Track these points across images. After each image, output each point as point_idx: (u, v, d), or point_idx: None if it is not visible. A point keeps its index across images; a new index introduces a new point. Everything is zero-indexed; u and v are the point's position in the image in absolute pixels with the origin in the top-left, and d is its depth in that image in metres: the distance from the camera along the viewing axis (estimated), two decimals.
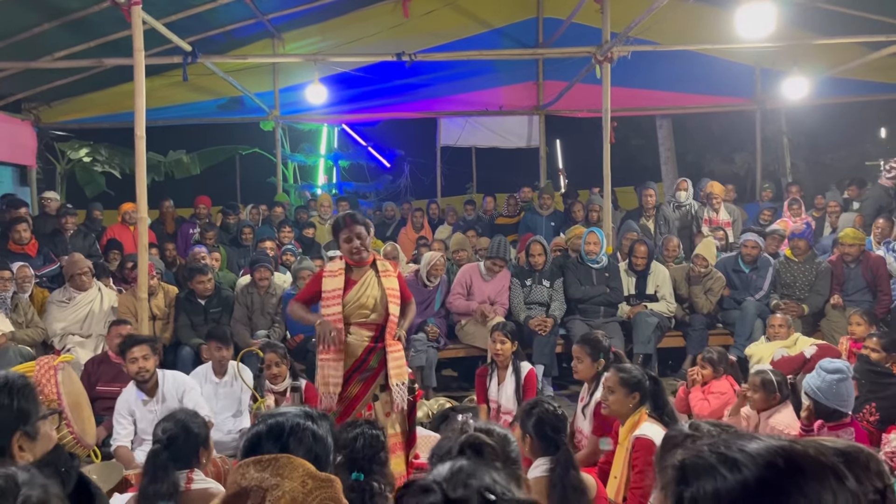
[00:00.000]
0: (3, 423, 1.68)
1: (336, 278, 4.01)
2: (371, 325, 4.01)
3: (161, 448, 2.88)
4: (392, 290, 4.04)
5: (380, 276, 4.04)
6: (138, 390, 4.74)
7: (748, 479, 0.93)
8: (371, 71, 10.12)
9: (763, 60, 10.36)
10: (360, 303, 3.98)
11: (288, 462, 1.60)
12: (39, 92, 9.48)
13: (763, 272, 6.96)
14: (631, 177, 11.99)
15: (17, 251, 6.97)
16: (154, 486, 2.79)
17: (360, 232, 3.97)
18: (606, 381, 3.57)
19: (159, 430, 2.97)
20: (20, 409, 1.72)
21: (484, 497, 1.05)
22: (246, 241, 8.52)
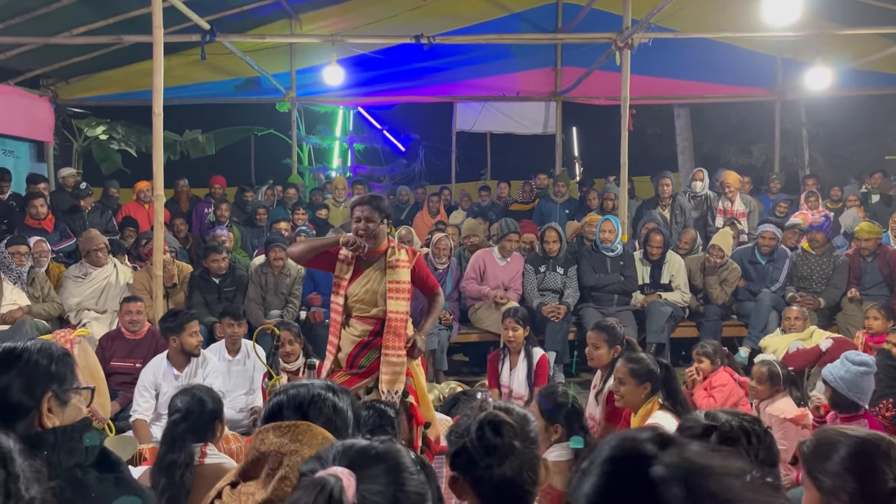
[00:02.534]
0: (37, 381, 1.71)
1: (346, 265, 3.72)
2: (370, 320, 3.72)
3: (180, 418, 2.90)
4: (396, 284, 3.67)
5: (386, 268, 3.69)
6: (169, 364, 4.79)
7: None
8: (388, 53, 10.07)
9: (785, 50, 10.22)
10: (359, 297, 3.70)
11: (307, 429, 1.61)
12: (58, 68, 9.50)
13: (780, 264, 6.91)
14: (647, 166, 11.90)
15: (34, 226, 7.02)
16: (171, 456, 2.82)
17: (368, 214, 3.62)
18: (617, 372, 3.56)
19: (177, 401, 3.00)
20: (56, 372, 1.74)
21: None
22: (260, 222, 8.54)
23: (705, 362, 4.76)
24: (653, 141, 15.01)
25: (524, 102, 11.50)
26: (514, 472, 1.62)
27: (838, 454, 1.79)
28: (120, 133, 11.05)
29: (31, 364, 1.71)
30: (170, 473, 2.80)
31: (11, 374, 1.69)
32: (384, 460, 1.17)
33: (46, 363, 1.74)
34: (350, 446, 1.19)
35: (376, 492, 1.11)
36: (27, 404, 1.68)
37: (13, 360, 1.71)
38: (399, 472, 1.16)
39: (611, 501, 1.01)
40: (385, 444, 1.21)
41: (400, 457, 1.19)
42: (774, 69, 10.74)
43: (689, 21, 8.81)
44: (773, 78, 10.85)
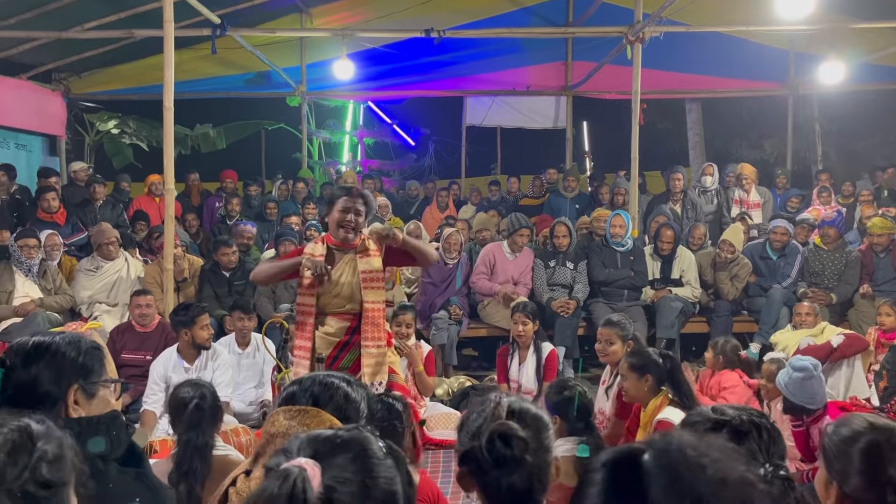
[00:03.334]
0: (64, 372, 1.73)
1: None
2: (347, 316, 3.58)
3: (200, 403, 2.94)
4: (368, 274, 3.55)
5: (358, 259, 3.56)
6: (180, 357, 4.82)
7: None
8: (398, 48, 10.06)
9: (798, 44, 10.15)
10: (333, 292, 3.54)
11: (316, 414, 1.62)
12: (70, 62, 9.56)
13: (791, 259, 6.87)
14: (657, 161, 11.85)
15: (46, 220, 7.07)
16: (203, 438, 2.88)
17: (360, 209, 3.51)
18: (619, 368, 3.56)
19: (188, 390, 3.01)
20: (84, 365, 1.77)
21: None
22: (271, 217, 8.56)
23: (710, 353, 4.77)
24: (663, 136, 14.93)
25: (534, 97, 11.47)
26: (522, 481, 1.61)
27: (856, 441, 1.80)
28: (131, 127, 11.10)
29: (59, 356, 1.74)
30: (202, 455, 2.85)
31: (40, 364, 1.72)
32: (350, 448, 1.14)
33: (74, 355, 1.76)
34: (315, 436, 1.17)
35: (344, 480, 1.08)
36: (53, 395, 1.71)
37: (42, 352, 1.74)
38: (367, 460, 1.13)
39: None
40: (351, 432, 1.18)
41: (367, 444, 1.16)
42: (787, 63, 10.66)
43: (701, 15, 8.75)
44: (786, 72, 10.77)
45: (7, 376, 1.69)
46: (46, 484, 1.17)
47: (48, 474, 1.18)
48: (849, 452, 1.77)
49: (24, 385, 1.69)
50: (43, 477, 1.17)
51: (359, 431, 1.18)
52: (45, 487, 1.17)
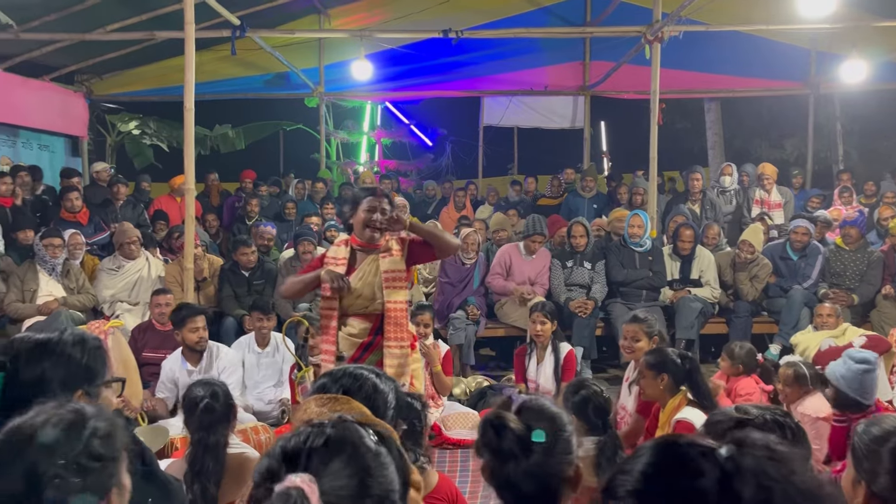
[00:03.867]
0: (70, 377, 1.71)
1: (337, 267, 3.53)
2: (371, 316, 3.55)
3: (212, 403, 2.95)
4: (391, 273, 3.51)
5: (380, 259, 3.54)
6: (184, 359, 4.86)
7: None
8: (416, 48, 10.08)
9: (819, 43, 10.05)
10: (357, 293, 3.50)
11: (346, 401, 1.63)
12: (92, 64, 9.68)
13: (812, 260, 6.80)
14: (676, 161, 11.78)
15: (69, 219, 7.16)
16: (214, 437, 2.89)
17: (386, 209, 3.50)
18: (638, 366, 3.54)
19: (199, 390, 3.03)
20: (88, 367, 1.75)
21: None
22: (289, 217, 8.61)
23: (725, 361, 4.68)
24: (681, 135, 14.85)
25: (552, 97, 11.45)
26: (531, 478, 1.60)
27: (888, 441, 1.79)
28: (152, 128, 11.22)
29: (64, 358, 1.71)
30: (214, 454, 2.87)
31: (45, 367, 1.69)
32: (342, 450, 1.10)
33: (79, 357, 1.74)
34: (301, 446, 1.13)
35: (341, 486, 1.07)
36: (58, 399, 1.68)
37: (47, 354, 1.70)
38: (360, 458, 1.11)
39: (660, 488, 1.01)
40: (338, 430, 1.13)
41: (357, 440, 1.13)
42: (808, 62, 10.56)
43: (721, 13, 8.69)
44: (807, 71, 10.66)
45: (8, 380, 1.65)
46: (98, 457, 1.29)
47: (100, 448, 1.30)
48: (879, 452, 1.76)
49: (27, 389, 1.64)
50: (95, 451, 1.29)
51: (346, 426, 1.14)
52: (97, 460, 1.29)
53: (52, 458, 1.25)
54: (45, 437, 1.27)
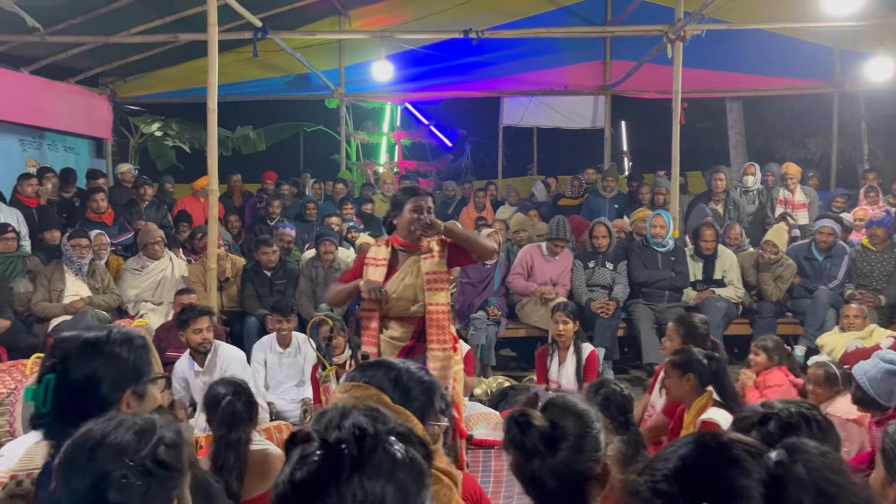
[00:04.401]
0: (119, 377, 1.71)
1: (378, 268, 3.53)
2: (412, 319, 3.52)
3: (234, 399, 2.96)
4: (432, 275, 3.48)
5: (421, 261, 3.52)
6: (191, 360, 4.88)
7: None
8: (436, 49, 10.09)
9: (844, 40, 9.92)
10: (398, 294, 3.49)
11: (366, 388, 1.62)
12: (116, 67, 9.79)
13: (838, 260, 6.72)
14: (697, 160, 11.67)
15: (94, 220, 7.24)
16: (236, 434, 2.90)
17: (430, 207, 3.51)
18: (663, 365, 3.53)
19: (220, 388, 3.04)
20: (135, 366, 1.75)
21: (358, 434, 1.06)
22: (310, 217, 8.65)
23: (761, 356, 4.61)
24: (702, 135, 14.71)
25: (572, 97, 11.40)
26: (556, 474, 1.60)
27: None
28: (174, 130, 11.33)
29: (113, 359, 1.71)
30: (237, 451, 2.88)
31: (95, 365, 1.68)
32: (380, 473, 1.05)
33: (127, 355, 1.73)
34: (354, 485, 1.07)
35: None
36: (109, 400, 1.68)
37: (97, 354, 1.70)
38: (399, 481, 1.06)
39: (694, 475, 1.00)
40: (370, 452, 1.06)
41: (391, 458, 1.06)
42: (832, 60, 10.43)
43: (744, 12, 8.61)
44: (831, 69, 10.53)
45: (59, 381, 1.65)
46: (164, 464, 1.33)
47: (166, 456, 1.34)
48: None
49: (78, 391, 1.65)
50: (161, 457, 1.33)
51: (377, 446, 1.07)
52: (163, 467, 1.33)
53: (120, 459, 1.29)
54: (116, 437, 1.32)
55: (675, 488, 1.00)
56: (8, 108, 8.08)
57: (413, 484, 1.06)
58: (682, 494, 0.99)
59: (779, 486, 0.95)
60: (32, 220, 7.02)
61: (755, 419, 1.95)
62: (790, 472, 0.96)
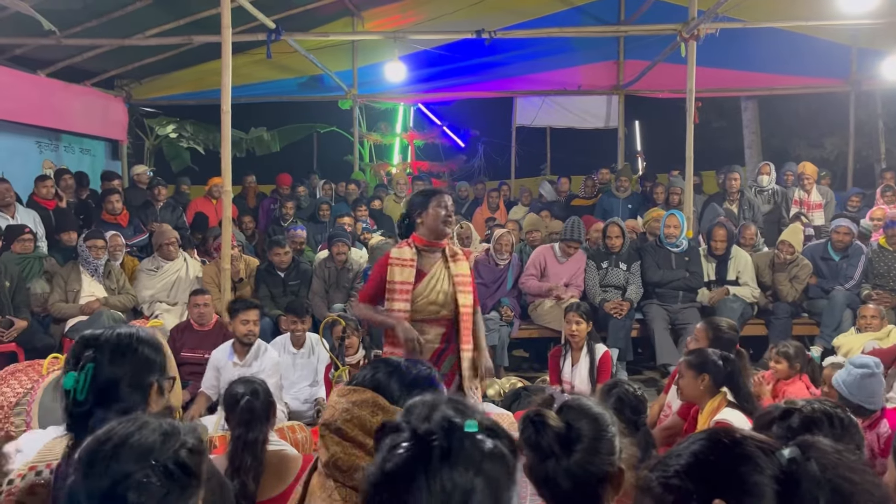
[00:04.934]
0: (148, 369, 1.79)
1: (406, 269, 3.54)
2: (442, 321, 3.58)
3: (253, 399, 2.97)
4: (461, 277, 3.60)
5: (448, 263, 3.61)
6: (232, 351, 4.94)
7: None
8: (449, 49, 10.10)
9: (860, 39, 9.82)
10: (430, 298, 3.55)
11: (362, 391, 1.62)
12: (131, 69, 9.86)
13: (854, 261, 6.65)
14: (711, 160, 11.60)
15: (109, 221, 7.31)
16: (253, 434, 2.91)
17: (451, 205, 3.60)
18: (678, 366, 3.50)
19: (239, 387, 3.06)
20: (160, 361, 1.84)
21: (447, 427, 1.07)
22: (324, 218, 8.69)
23: (783, 364, 4.47)
24: (717, 135, 14.63)
25: (585, 96, 11.37)
26: (570, 476, 1.59)
27: None
28: (188, 131, 11.41)
29: (143, 352, 1.81)
30: (254, 451, 2.89)
31: (127, 359, 1.78)
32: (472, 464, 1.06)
33: (152, 351, 1.83)
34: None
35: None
36: (143, 388, 1.77)
37: (129, 349, 1.79)
38: (490, 473, 1.07)
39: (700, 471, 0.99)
40: (457, 446, 1.08)
41: (480, 450, 1.09)
42: (849, 59, 10.33)
43: (758, 10, 8.55)
44: (848, 68, 10.43)
45: (96, 371, 1.72)
46: (185, 468, 1.33)
47: (187, 459, 1.34)
48: None
49: (114, 381, 1.74)
50: (182, 459, 1.33)
51: (465, 438, 1.08)
52: (184, 471, 1.33)
53: (144, 459, 1.30)
54: (141, 437, 1.33)
55: (688, 484, 1.00)
56: (25, 111, 8.16)
57: (502, 477, 1.08)
58: (696, 490, 0.99)
59: (792, 483, 0.94)
60: (49, 222, 7.08)
61: (776, 414, 1.94)
62: (803, 469, 0.95)
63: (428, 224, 3.57)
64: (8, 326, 5.64)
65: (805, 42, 9.63)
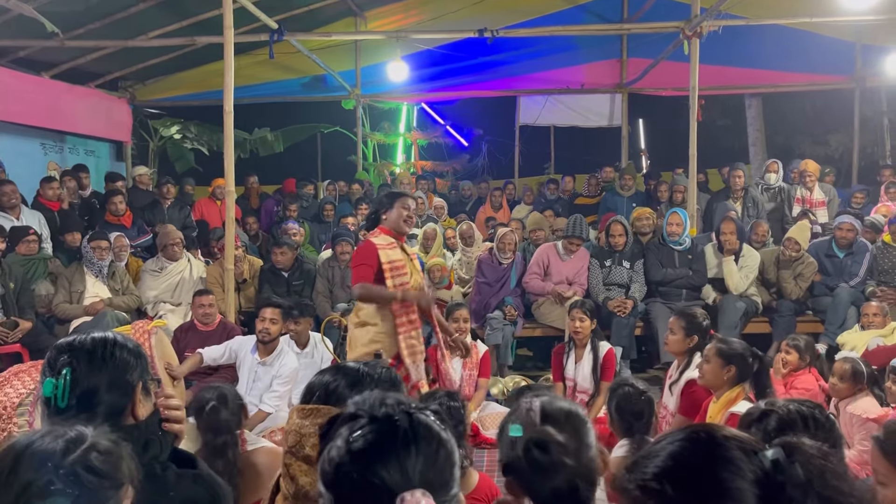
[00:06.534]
0: (130, 370, 1.72)
1: (394, 251, 3.98)
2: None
3: (218, 405, 3.06)
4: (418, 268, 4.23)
5: (406, 252, 4.12)
6: (255, 346, 4.98)
7: None
8: (452, 48, 10.10)
9: (865, 35, 9.78)
10: (414, 285, 4.04)
11: (328, 412, 1.61)
12: (135, 70, 9.89)
13: (859, 258, 6.62)
14: (715, 158, 11.58)
15: (113, 222, 7.33)
16: (221, 438, 2.98)
17: (414, 206, 4.11)
18: (706, 350, 3.45)
19: (205, 394, 3.15)
20: (143, 367, 1.77)
21: (405, 410, 1.10)
22: (328, 218, 8.70)
23: (793, 355, 4.53)
24: (721, 132, 14.58)
25: (589, 95, 11.35)
26: (567, 484, 1.58)
27: None
28: (192, 132, 11.42)
29: (121, 359, 1.72)
30: (223, 454, 2.93)
31: (107, 365, 1.70)
32: (437, 455, 1.09)
33: (132, 355, 1.75)
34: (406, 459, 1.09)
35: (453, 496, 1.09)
36: (126, 391, 1.70)
37: (107, 355, 1.71)
38: (447, 456, 1.10)
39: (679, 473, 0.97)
40: (419, 428, 1.10)
41: (438, 435, 1.11)
42: (853, 55, 10.28)
43: (761, 7, 8.53)
44: (852, 64, 10.39)
45: (73, 379, 1.66)
46: (96, 472, 1.27)
47: (97, 463, 1.28)
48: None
49: (91, 389, 1.66)
50: (92, 463, 1.27)
51: (422, 423, 1.11)
52: (94, 474, 1.27)
53: (44, 466, 1.24)
54: (42, 444, 1.27)
55: (667, 489, 0.96)
56: (30, 113, 8.19)
57: (451, 455, 1.11)
58: (675, 497, 0.95)
59: (775, 487, 0.92)
60: (54, 223, 7.11)
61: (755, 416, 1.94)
62: (788, 473, 0.93)
63: (390, 221, 4.04)
64: (13, 327, 5.67)
65: (809, 39, 9.60)
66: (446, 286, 6.85)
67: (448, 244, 7.80)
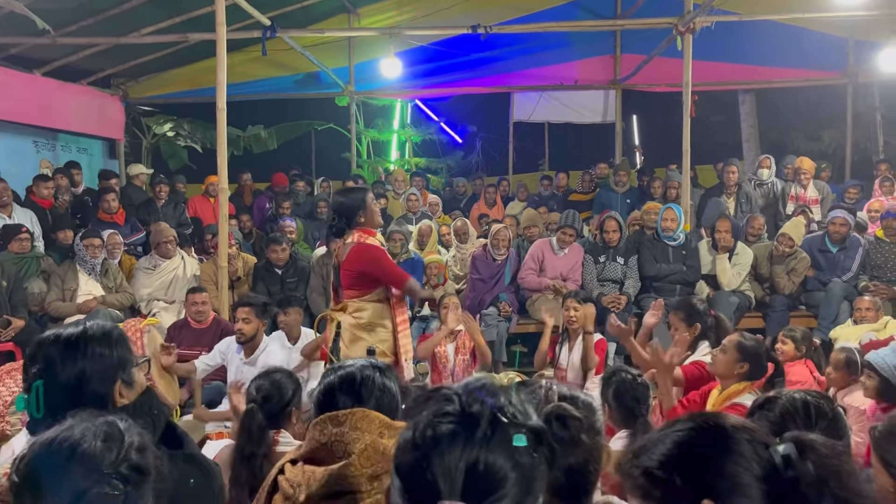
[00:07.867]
0: (106, 372, 1.73)
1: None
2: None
3: (257, 407, 2.86)
4: None
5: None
6: (239, 346, 4.95)
7: None
8: (445, 45, 10.08)
9: (857, 31, 9.81)
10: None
11: (364, 416, 1.63)
12: (127, 68, 9.84)
13: (852, 252, 6.65)
14: (709, 154, 11.60)
15: (106, 220, 7.31)
16: (250, 448, 2.79)
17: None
18: (726, 340, 3.44)
19: (253, 387, 2.96)
20: (120, 358, 1.77)
21: (495, 417, 1.03)
22: (321, 215, 8.68)
23: (789, 345, 4.56)
24: (714, 128, 14.62)
25: (583, 91, 11.35)
26: (579, 464, 1.60)
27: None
28: (185, 130, 11.36)
29: (96, 354, 1.73)
30: (250, 465, 2.76)
31: (81, 364, 1.70)
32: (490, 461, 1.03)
33: (109, 352, 1.75)
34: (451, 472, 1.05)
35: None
36: (101, 394, 1.70)
37: (80, 353, 1.71)
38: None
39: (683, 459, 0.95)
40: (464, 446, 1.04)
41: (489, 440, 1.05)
42: (846, 51, 10.31)
43: (754, 3, 8.54)
44: (845, 60, 10.41)
45: (47, 387, 1.65)
46: (138, 468, 1.30)
47: (138, 460, 1.31)
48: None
49: (69, 392, 1.66)
50: (134, 462, 1.30)
51: (509, 434, 1.05)
52: (137, 472, 1.30)
53: (97, 471, 1.25)
54: (87, 447, 1.27)
55: (674, 478, 0.95)
56: (21, 110, 8.16)
57: (533, 483, 1.04)
58: (683, 486, 0.93)
59: (783, 483, 0.90)
60: (46, 221, 7.08)
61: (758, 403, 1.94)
62: (798, 470, 0.91)
63: (368, 219, 4.11)
64: (5, 326, 5.66)
65: (801, 35, 9.62)
66: (441, 283, 6.85)
67: (442, 241, 7.80)
